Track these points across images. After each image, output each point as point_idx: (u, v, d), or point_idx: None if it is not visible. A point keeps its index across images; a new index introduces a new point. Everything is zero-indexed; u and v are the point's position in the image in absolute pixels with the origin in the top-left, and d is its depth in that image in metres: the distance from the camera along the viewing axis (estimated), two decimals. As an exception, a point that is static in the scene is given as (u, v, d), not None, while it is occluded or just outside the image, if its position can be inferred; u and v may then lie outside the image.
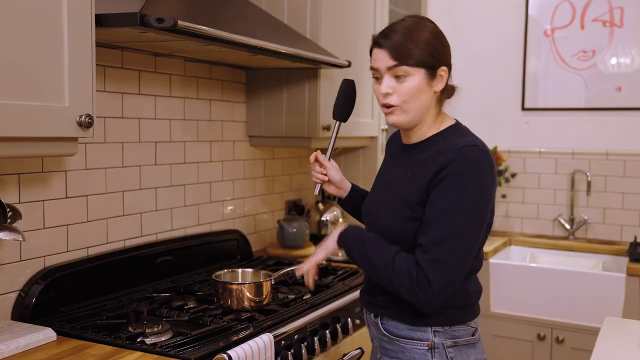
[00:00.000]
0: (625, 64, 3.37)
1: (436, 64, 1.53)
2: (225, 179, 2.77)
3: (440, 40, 1.56)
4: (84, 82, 1.51)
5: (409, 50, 1.50)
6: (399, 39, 1.51)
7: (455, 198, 1.45)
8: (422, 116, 1.57)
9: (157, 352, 1.56)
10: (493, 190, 1.52)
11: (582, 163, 3.48)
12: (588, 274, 2.96)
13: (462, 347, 1.58)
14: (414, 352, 1.56)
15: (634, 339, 1.78)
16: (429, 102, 1.56)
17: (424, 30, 1.53)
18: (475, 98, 3.75)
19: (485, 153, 1.50)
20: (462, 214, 1.45)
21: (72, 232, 2.03)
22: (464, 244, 1.46)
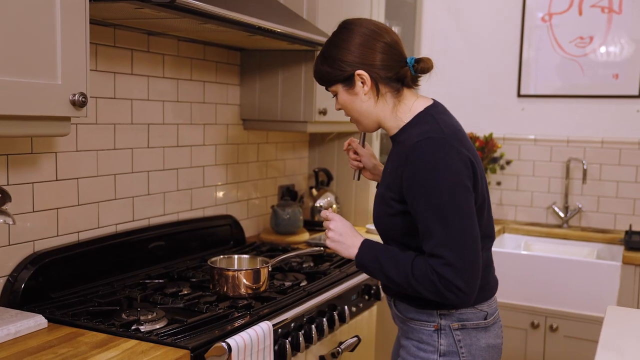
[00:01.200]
0: (622, 51, 3.33)
1: (347, 74, 1.56)
2: (219, 163, 2.71)
3: (348, 48, 1.55)
4: (77, 59, 1.44)
5: (321, 74, 1.61)
6: (316, 68, 1.63)
7: (432, 198, 1.44)
8: (374, 117, 1.61)
9: (153, 340, 1.51)
10: (465, 169, 1.47)
11: (577, 151, 3.46)
12: (583, 262, 2.94)
13: (470, 330, 1.58)
14: (421, 332, 1.59)
15: (639, 328, 1.75)
16: (367, 104, 1.59)
17: (331, 46, 1.59)
18: (470, 84, 3.71)
19: (440, 141, 1.47)
20: (446, 209, 1.43)
21: (62, 215, 1.96)
22: (463, 234, 1.44)
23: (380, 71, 1.55)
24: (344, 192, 3.32)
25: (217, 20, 1.82)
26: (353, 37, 1.56)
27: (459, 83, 3.73)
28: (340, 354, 2.11)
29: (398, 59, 1.57)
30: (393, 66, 1.56)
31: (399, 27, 3.66)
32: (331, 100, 2.75)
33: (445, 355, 1.57)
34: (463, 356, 1.57)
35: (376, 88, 1.57)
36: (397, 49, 1.58)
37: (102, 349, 1.45)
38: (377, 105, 1.59)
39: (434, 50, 3.80)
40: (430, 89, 3.80)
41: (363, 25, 1.58)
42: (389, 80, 1.57)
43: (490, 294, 1.63)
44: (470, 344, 1.58)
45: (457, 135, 1.52)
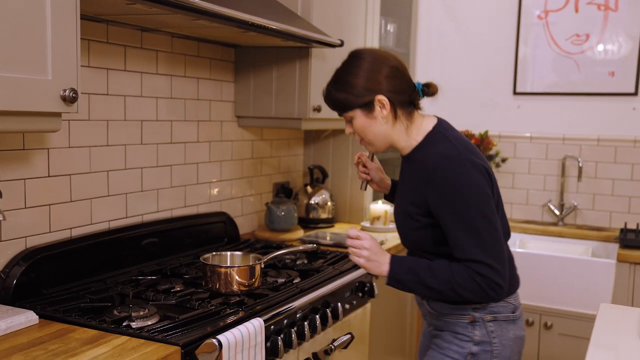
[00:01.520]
0: (619, 49, 3.33)
1: (368, 100, 1.65)
2: (213, 160, 2.71)
3: (369, 76, 1.65)
4: (68, 55, 1.44)
5: (340, 101, 1.69)
6: (331, 95, 1.71)
7: (461, 213, 1.58)
8: (389, 139, 1.73)
9: (144, 336, 1.51)
10: (483, 178, 1.61)
11: (573, 148, 3.46)
12: (578, 260, 2.94)
13: (502, 322, 1.72)
14: (457, 325, 1.73)
15: (631, 325, 1.75)
16: (384, 127, 1.69)
17: (350, 74, 1.67)
18: (466, 82, 3.70)
19: (456, 158, 1.60)
20: (475, 220, 1.57)
21: (54, 212, 1.96)
22: (492, 238, 1.59)
23: (396, 95, 1.66)
24: (339, 189, 3.32)
25: (209, 16, 1.82)
26: (367, 64, 1.66)
27: (455, 80, 3.73)
28: (333, 351, 2.11)
29: (408, 83, 1.70)
30: (406, 90, 1.68)
31: (394, 24, 3.65)
32: (326, 97, 2.75)
33: (479, 345, 1.71)
34: (495, 346, 1.71)
35: (394, 112, 1.68)
36: (406, 73, 1.71)
37: (93, 345, 1.45)
38: (394, 127, 1.70)
39: (429, 47, 3.80)
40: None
41: (372, 53, 1.69)
42: (404, 103, 1.69)
43: (515, 288, 1.79)
44: (501, 335, 1.72)
45: (468, 148, 1.66)
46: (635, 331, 1.70)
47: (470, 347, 1.71)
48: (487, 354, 1.71)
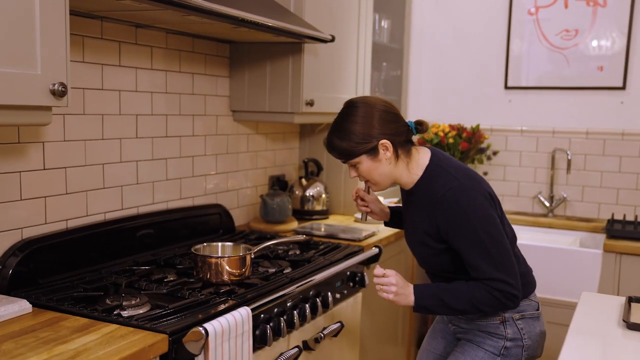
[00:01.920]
0: (607, 44, 3.38)
1: (372, 145, 1.77)
2: (208, 153, 2.76)
3: (371, 124, 1.76)
4: (57, 50, 1.48)
5: (345, 150, 1.79)
6: (335, 145, 1.80)
7: (472, 238, 1.72)
8: (392, 178, 1.85)
9: (133, 324, 1.56)
10: (486, 200, 1.75)
11: (562, 142, 3.51)
12: (565, 250, 3.00)
13: (529, 320, 1.87)
14: (488, 326, 1.87)
15: (611, 313, 1.80)
16: (389, 168, 1.82)
17: (353, 123, 1.77)
18: (459, 76, 3.75)
19: (459, 188, 1.73)
20: (485, 243, 1.72)
21: (50, 204, 2.01)
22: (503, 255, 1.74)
23: (395, 137, 1.79)
24: (333, 182, 3.37)
25: (199, 12, 1.86)
26: (362, 112, 1.78)
27: (448, 75, 3.78)
28: (323, 339, 2.16)
29: (403, 123, 1.82)
30: (402, 131, 1.81)
31: (388, 20, 3.70)
32: (318, 92, 2.81)
33: (512, 341, 1.85)
34: (525, 341, 1.86)
35: (396, 153, 1.80)
36: (399, 114, 1.83)
37: (83, 333, 1.50)
38: (397, 166, 1.83)
39: (423, 43, 3.85)
40: (421, 82, 3.85)
41: (365, 101, 1.81)
42: (402, 143, 1.82)
43: (534, 287, 1.95)
44: (530, 331, 1.87)
45: (468, 175, 1.79)
46: (615, 319, 1.76)
47: (504, 342, 1.86)
48: (519, 349, 1.86)
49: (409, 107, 3.90)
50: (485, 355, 1.87)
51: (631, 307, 1.83)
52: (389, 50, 3.78)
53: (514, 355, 1.86)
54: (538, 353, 1.92)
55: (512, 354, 1.86)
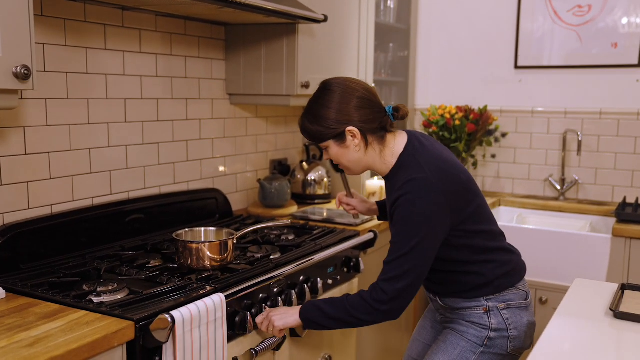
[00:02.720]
0: (622, 19, 3.24)
1: (339, 132, 1.73)
2: (204, 137, 2.73)
3: (341, 109, 1.71)
4: (19, 32, 1.46)
5: (314, 133, 1.76)
6: (305, 127, 1.78)
7: (403, 228, 1.66)
8: (363, 164, 1.80)
9: (102, 311, 1.54)
10: (442, 206, 1.67)
11: (575, 122, 3.39)
12: (573, 235, 2.90)
13: (515, 309, 1.80)
14: (472, 316, 1.81)
15: (601, 301, 1.73)
16: (358, 154, 1.77)
17: (322, 107, 1.74)
18: (468, 56, 3.65)
19: (420, 182, 1.66)
20: (412, 240, 1.65)
21: (33, 189, 2.00)
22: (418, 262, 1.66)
23: (366, 124, 1.73)
24: (336, 165, 3.31)
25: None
26: (337, 97, 1.73)
27: (456, 56, 3.68)
28: (310, 325, 2.12)
29: (378, 109, 1.76)
30: (376, 118, 1.75)
31: (394, 1, 3.60)
32: (315, 73, 2.75)
33: (496, 331, 1.79)
34: (511, 332, 1.79)
35: (365, 139, 1.75)
36: (376, 100, 1.77)
37: (49, 320, 1.49)
38: (367, 154, 1.78)
39: (430, 23, 3.75)
40: (429, 63, 3.76)
41: (342, 85, 1.74)
42: (375, 130, 1.76)
43: (524, 274, 1.89)
44: (516, 321, 1.80)
45: (439, 168, 1.70)
46: (604, 307, 1.68)
47: (488, 333, 1.79)
48: (504, 340, 1.79)
49: (417, 89, 3.81)
50: (467, 345, 1.81)
51: (624, 294, 1.75)
52: (395, 31, 3.69)
53: (498, 346, 1.79)
54: (526, 344, 1.84)
55: (497, 345, 1.79)
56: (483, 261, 1.78)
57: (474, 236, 1.76)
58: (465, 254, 1.77)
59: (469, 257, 1.77)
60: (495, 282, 1.79)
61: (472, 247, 1.77)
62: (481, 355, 1.80)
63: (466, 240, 1.75)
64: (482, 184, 3.68)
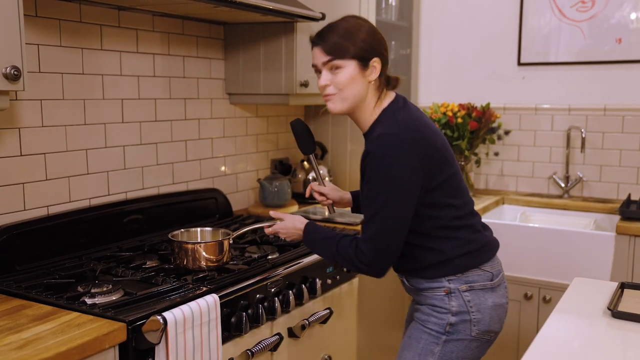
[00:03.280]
0: (626, 14, 3.20)
1: (368, 56, 1.68)
2: (203, 137, 2.72)
3: (374, 37, 1.70)
4: (9, 33, 1.46)
5: (342, 47, 1.66)
6: (334, 38, 1.68)
7: (373, 184, 1.64)
8: (359, 104, 1.73)
9: (94, 313, 1.53)
10: (413, 166, 1.63)
11: (579, 119, 3.35)
12: (577, 233, 2.87)
13: (478, 291, 1.75)
14: (434, 298, 1.77)
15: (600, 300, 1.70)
16: (364, 90, 1.71)
17: (360, 30, 1.69)
18: (470, 53, 3.62)
19: (392, 137, 1.62)
20: (379, 195, 1.63)
21: (29, 190, 2.00)
22: (389, 220, 1.64)
23: (384, 67, 1.73)
24: (337, 164, 3.30)
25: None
26: (371, 29, 1.71)
27: (459, 53, 3.65)
28: (308, 326, 2.11)
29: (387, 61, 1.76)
30: (387, 67, 1.75)
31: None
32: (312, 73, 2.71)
33: (457, 315, 1.74)
34: (473, 314, 1.74)
35: (378, 80, 1.73)
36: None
37: (41, 322, 1.48)
38: (369, 95, 1.74)
39: (432, 20, 3.72)
40: (431, 61, 3.73)
41: (367, 22, 1.74)
42: (385, 78, 1.76)
43: (491, 255, 1.81)
44: (479, 304, 1.75)
45: (415, 128, 1.67)
46: (602, 306, 1.65)
47: (449, 318, 1.74)
48: (466, 324, 1.74)
49: (420, 86, 3.79)
50: (430, 338, 1.76)
51: (623, 293, 1.72)
52: (397, 29, 3.67)
53: (461, 331, 1.74)
54: (494, 327, 1.78)
55: (460, 331, 1.74)
56: (445, 237, 1.73)
57: (440, 209, 1.71)
58: (427, 227, 1.72)
59: (431, 231, 1.72)
60: (456, 261, 1.73)
61: (436, 220, 1.72)
62: (445, 344, 1.75)
63: (431, 211, 1.70)
64: (485, 182, 3.65)
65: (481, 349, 1.80)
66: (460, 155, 3.42)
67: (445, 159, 1.71)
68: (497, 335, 1.84)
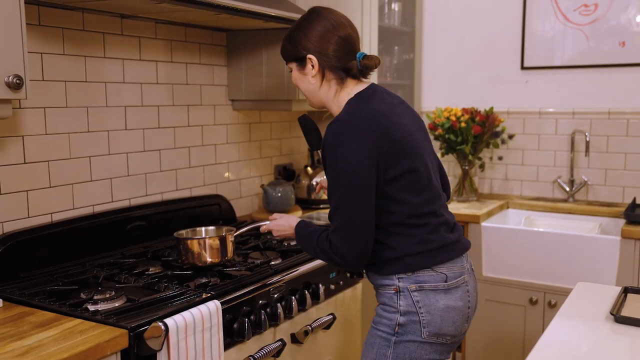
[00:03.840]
0: (629, 17, 3.19)
1: (301, 55, 1.77)
2: (206, 143, 2.73)
3: (307, 33, 1.76)
4: (11, 42, 1.47)
5: (286, 51, 1.82)
6: (283, 42, 1.84)
7: (330, 175, 1.66)
8: (318, 98, 1.82)
9: (97, 319, 1.54)
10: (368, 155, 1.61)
11: (583, 123, 3.35)
12: (582, 237, 2.86)
13: (429, 292, 1.71)
14: (384, 296, 1.75)
15: (603, 305, 1.69)
16: (313, 85, 1.80)
17: (297, 28, 1.79)
18: (473, 57, 3.62)
19: (344, 123, 1.64)
20: (338, 186, 1.64)
21: (32, 198, 2.01)
22: (351, 209, 1.63)
23: (329, 60, 1.75)
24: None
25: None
26: (315, 26, 1.76)
27: (462, 57, 3.65)
28: (311, 332, 2.11)
29: (349, 52, 1.76)
30: (342, 58, 1.76)
31: (399, 2, 3.59)
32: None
33: (406, 315, 1.71)
34: (422, 315, 1.70)
35: (322, 73, 1.77)
36: (350, 43, 1.77)
37: (43, 329, 1.49)
38: (322, 88, 1.80)
39: (435, 25, 3.72)
40: (434, 66, 3.73)
41: (326, 17, 1.77)
42: (336, 69, 1.77)
43: (449, 257, 1.74)
44: (428, 304, 1.70)
45: (371, 116, 1.66)
46: (605, 311, 1.65)
47: (397, 318, 1.71)
48: (416, 324, 1.70)
49: (423, 91, 3.79)
50: (381, 341, 1.73)
51: (626, 298, 1.71)
52: (400, 34, 3.67)
53: (411, 332, 1.70)
54: (447, 330, 1.72)
55: (409, 332, 1.70)
56: (400, 234, 1.69)
57: (396, 204, 1.68)
58: (384, 222, 1.69)
59: (388, 227, 1.69)
60: (407, 259, 1.69)
61: (392, 215, 1.68)
62: (396, 346, 1.71)
63: (387, 205, 1.67)
64: (490, 186, 3.65)
65: (438, 351, 1.74)
66: (464, 160, 3.41)
67: (404, 152, 1.66)
68: (457, 339, 1.78)
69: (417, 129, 1.77)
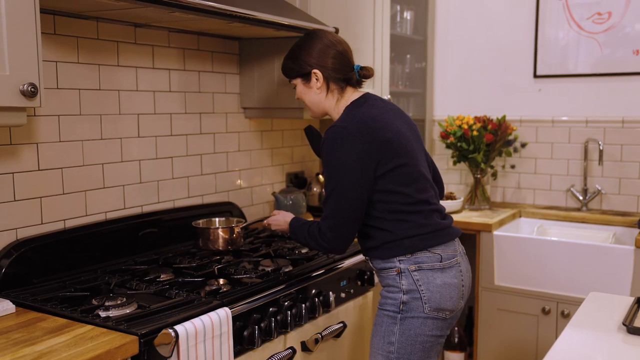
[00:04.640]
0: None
1: (306, 71, 1.99)
2: (218, 151, 2.74)
3: (313, 53, 1.98)
4: (26, 50, 1.49)
5: (289, 69, 2.05)
6: (284, 62, 2.06)
7: (326, 170, 1.87)
8: (322, 107, 2.04)
9: (108, 326, 1.55)
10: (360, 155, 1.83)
11: (596, 131, 3.33)
12: (595, 247, 2.83)
13: (427, 271, 1.89)
14: (388, 278, 1.94)
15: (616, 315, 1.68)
16: (317, 97, 2.02)
17: (298, 48, 2.02)
18: (485, 65, 3.62)
19: (338, 129, 1.85)
20: (331, 183, 1.86)
21: (46, 204, 2.03)
22: (342, 199, 1.85)
23: (331, 72, 1.98)
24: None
25: (181, 8, 1.83)
26: (314, 44, 1.99)
27: (474, 65, 3.64)
28: (322, 340, 2.11)
29: (347, 64, 2.01)
30: (341, 69, 1.99)
31: (411, 10, 3.59)
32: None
33: (408, 293, 1.89)
34: (423, 293, 1.88)
35: (327, 85, 2.00)
36: (347, 57, 2.02)
37: (55, 334, 1.50)
38: (326, 98, 2.02)
39: (447, 33, 3.72)
40: (446, 74, 3.73)
41: (323, 37, 2.01)
42: (337, 80, 1.99)
43: (443, 240, 1.94)
44: (427, 282, 1.89)
45: (363, 122, 1.86)
46: (618, 322, 1.63)
47: (401, 296, 1.89)
48: (418, 301, 1.88)
49: (435, 99, 3.79)
50: (388, 319, 1.91)
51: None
52: (412, 42, 3.68)
53: (414, 309, 1.88)
54: (446, 305, 1.90)
55: (412, 308, 1.88)
56: (396, 220, 1.89)
57: (390, 194, 1.88)
58: (380, 210, 1.89)
59: (384, 214, 1.89)
60: (405, 242, 1.88)
61: (387, 204, 1.88)
62: (402, 322, 1.89)
63: (382, 196, 1.88)
64: (502, 195, 3.63)
65: (439, 327, 1.91)
66: (476, 169, 3.40)
67: (395, 150, 1.87)
68: (455, 315, 1.95)
69: (408, 130, 1.97)
